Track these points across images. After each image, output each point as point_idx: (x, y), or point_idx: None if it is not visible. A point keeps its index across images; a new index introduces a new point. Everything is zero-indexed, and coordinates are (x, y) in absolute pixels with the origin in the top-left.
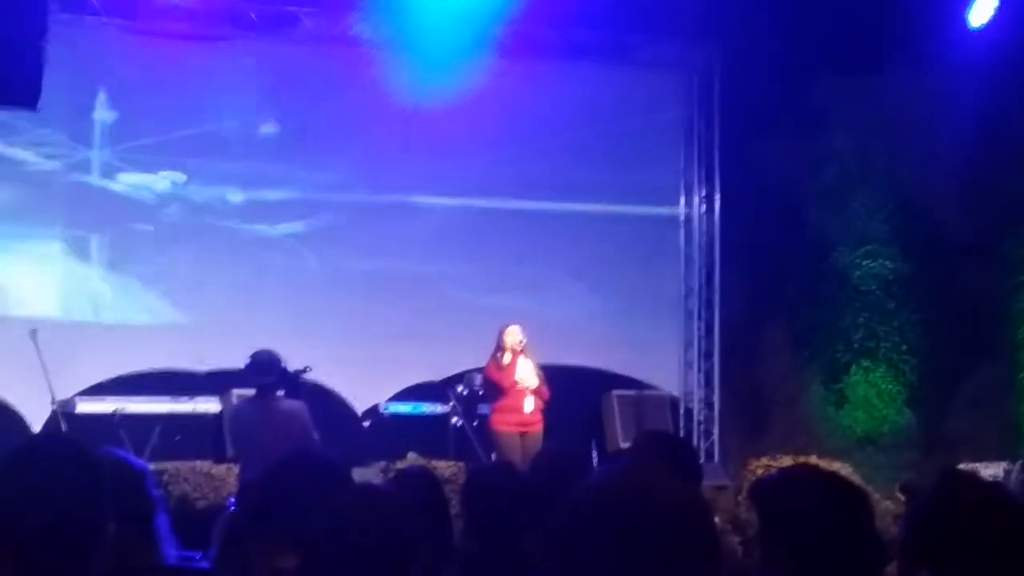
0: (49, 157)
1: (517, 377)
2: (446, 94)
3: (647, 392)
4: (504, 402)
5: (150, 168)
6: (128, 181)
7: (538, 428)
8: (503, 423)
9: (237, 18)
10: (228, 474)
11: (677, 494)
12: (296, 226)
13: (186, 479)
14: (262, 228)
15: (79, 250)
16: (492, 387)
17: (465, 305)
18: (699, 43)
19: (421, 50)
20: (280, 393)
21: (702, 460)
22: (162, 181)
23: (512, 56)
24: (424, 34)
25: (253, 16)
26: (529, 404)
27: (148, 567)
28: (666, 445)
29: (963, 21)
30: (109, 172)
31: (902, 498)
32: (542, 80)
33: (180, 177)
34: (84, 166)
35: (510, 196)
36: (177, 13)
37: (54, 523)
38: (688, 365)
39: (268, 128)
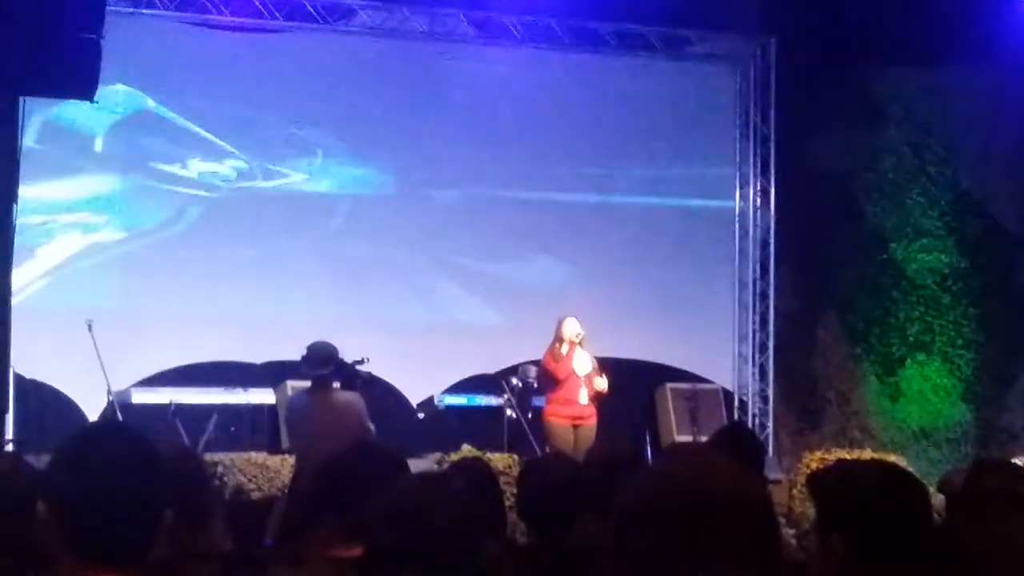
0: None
1: (574, 365)
2: (498, 86)
3: (701, 385)
4: (558, 393)
5: (207, 157)
6: (190, 170)
7: (592, 421)
8: (556, 415)
9: (295, 9)
10: (283, 465)
11: (747, 489)
12: (351, 219)
13: (241, 470)
14: (318, 220)
15: (136, 241)
16: (548, 377)
17: (520, 297)
18: (755, 36)
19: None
20: (336, 385)
21: None
22: (220, 170)
23: (566, 49)
24: (477, 27)
25: (309, 7)
26: (584, 396)
27: (205, 554)
28: (742, 441)
29: (1021, 15)
30: (169, 161)
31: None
32: (597, 73)
33: (238, 166)
34: (143, 156)
35: (565, 190)
36: (234, 4)
37: (111, 510)
38: (743, 358)
39: (321, 119)
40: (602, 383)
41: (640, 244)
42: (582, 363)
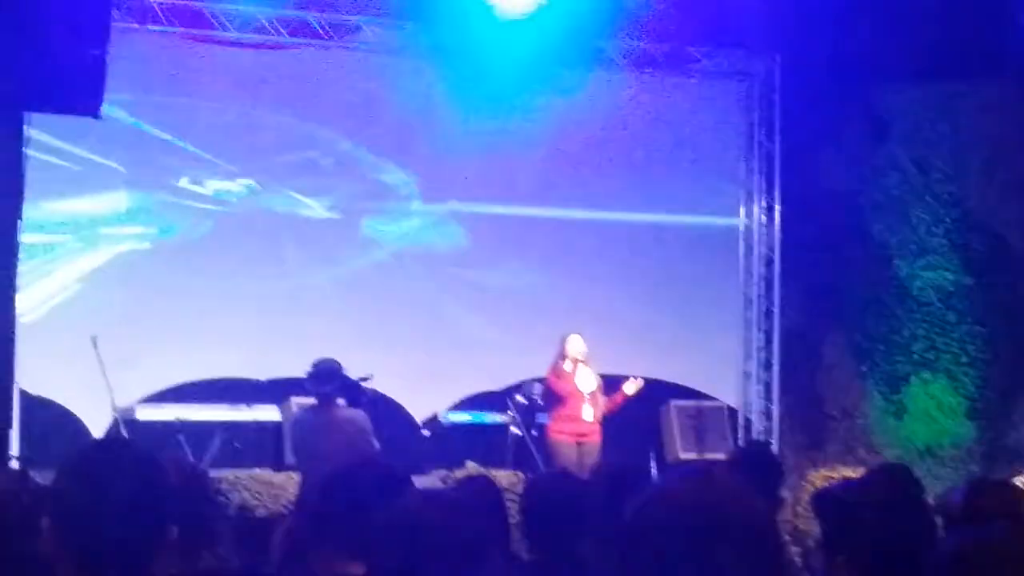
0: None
1: (577, 382)
2: (503, 104)
3: (706, 403)
4: (562, 411)
5: (211, 174)
6: (194, 187)
7: (596, 438)
8: (560, 432)
9: (300, 27)
10: (288, 482)
11: (751, 506)
12: (356, 235)
13: (246, 487)
14: (323, 237)
15: (141, 258)
16: (551, 395)
17: (525, 314)
18: (760, 53)
19: (481, 60)
20: (340, 402)
21: None
22: (224, 187)
23: (572, 66)
24: (485, 44)
25: (316, 25)
26: (588, 413)
27: (210, 572)
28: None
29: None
30: (174, 177)
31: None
32: (602, 91)
33: (243, 183)
34: (143, 172)
35: (570, 206)
36: (239, 21)
37: (116, 526)
38: (747, 376)
39: (326, 135)
40: (634, 385)
41: (645, 261)
42: (586, 380)
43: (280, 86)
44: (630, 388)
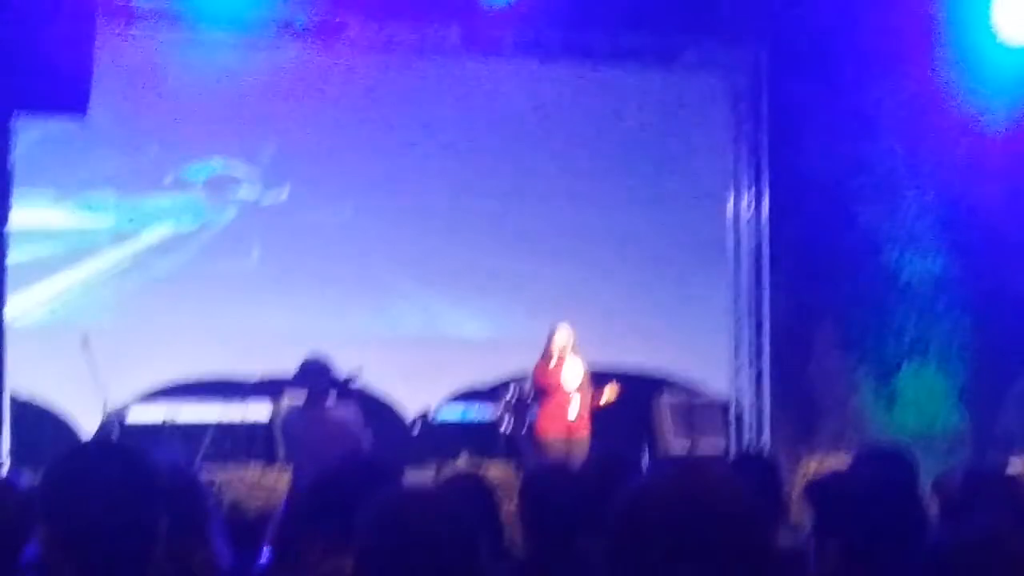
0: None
1: (563, 379)
2: (488, 98)
3: (697, 394)
4: (549, 407)
5: (199, 173)
6: (181, 186)
7: (583, 434)
8: (548, 430)
9: (284, 26)
10: (279, 480)
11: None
12: (344, 233)
13: (237, 484)
14: (312, 234)
15: (131, 258)
16: (539, 391)
17: (515, 310)
18: (745, 44)
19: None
20: (331, 399)
21: None
22: (212, 186)
23: (556, 59)
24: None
25: (299, 25)
26: (574, 409)
27: (203, 571)
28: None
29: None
30: (159, 177)
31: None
32: (588, 83)
33: (231, 182)
34: (129, 172)
35: (557, 200)
36: (223, 21)
37: (108, 526)
38: (738, 366)
39: (312, 134)
40: (611, 392)
41: (633, 254)
42: (572, 375)
43: (263, 84)
44: (606, 398)
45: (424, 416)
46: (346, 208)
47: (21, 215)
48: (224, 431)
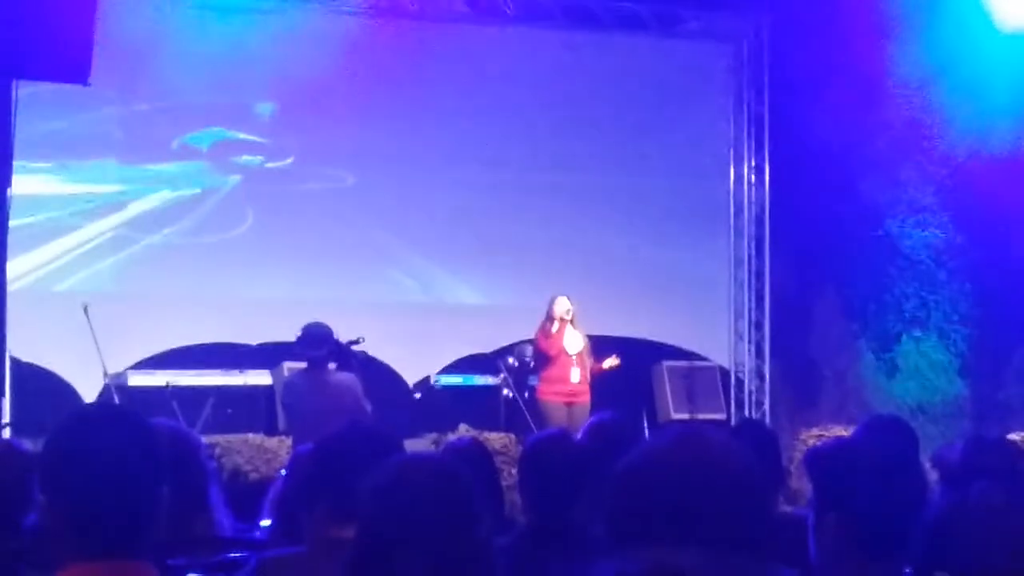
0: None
1: (564, 344)
2: (490, 64)
3: (698, 363)
4: (551, 372)
5: (199, 141)
6: (180, 155)
7: (585, 399)
8: (550, 393)
9: None
10: (280, 447)
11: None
12: (344, 200)
13: (238, 452)
14: (311, 202)
15: (131, 224)
16: (540, 356)
17: (515, 277)
18: (747, 13)
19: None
20: (332, 366)
21: None
22: (212, 154)
23: (559, 27)
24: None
25: None
26: (575, 374)
27: (204, 537)
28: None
29: None
30: (160, 145)
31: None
32: (590, 51)
33: (230, 149)
34: (132, 139)
35: (558, 168)
36: None
37: (108, 492)
38: (739, 336)
39: (312, 100)
40: (611, 361)
41: (634, 223)
42: (573, 341)
43: (265, 50)
44: (608, 364)
45: (425, 382)
46: (347, 175)
47: (23, 182)
48: (225, 398)
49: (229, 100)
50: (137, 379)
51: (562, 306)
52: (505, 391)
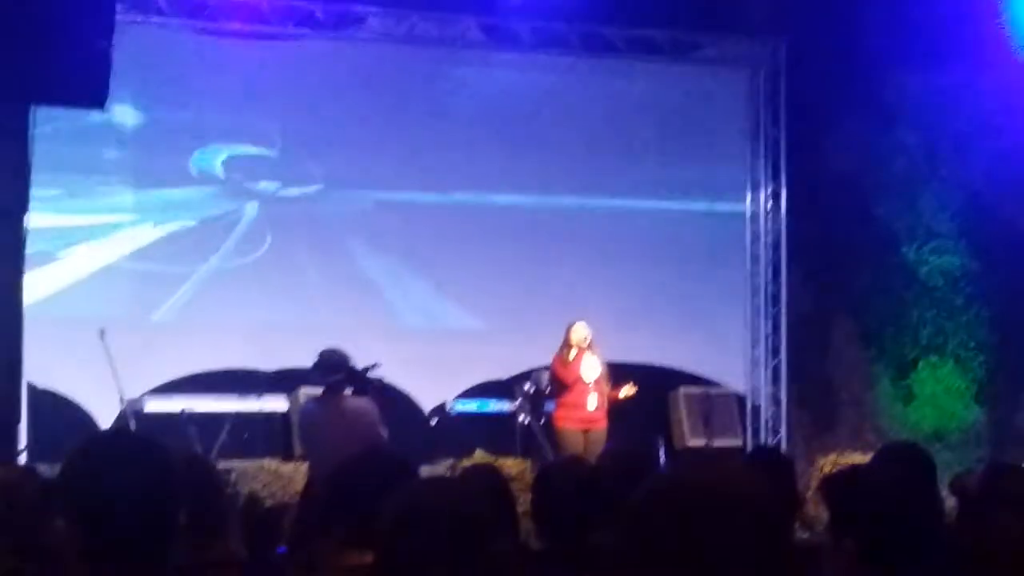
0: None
1: (581, 371)
2: (507, 91)
3: (714, 389)
4: (568, 398)
5: (216, 167)
6: (199, 180)
7: (602, 425)
8: (567, 420)
9: (304, 17)
10: (296, 472)
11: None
12: (362, 226)
13: (254, 477)
14: (330, 228)
15: (148, 250)
16: (557, 383)
17: (532, 303)
18: (765, 39)
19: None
20: (348, 392)
21: None
22: (229, 179)
23: (578, 53)
24: (486, 32)
25: (319, 15)
26: (592, 401)
27: (221, 562)
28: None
29: None
30: (177, 171)
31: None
32: (607, 78)
33: (248, 175)
34: (149, 163)
35: (576, 194)
36: (243, 12)
37: (126, 518)
38: (755, 362)
39: (330, 127)
40: (628, 390)
41: (652, 248)
42: (590, 368)
43: (283, 77)
44: (624, 393)
45: (441, 408)
46: (361, 201)
47: (40, 207)
48: (242, 423)
49: (245, 125)
50: (154, 405)
51: (579, 333)
52: (521, 417)
